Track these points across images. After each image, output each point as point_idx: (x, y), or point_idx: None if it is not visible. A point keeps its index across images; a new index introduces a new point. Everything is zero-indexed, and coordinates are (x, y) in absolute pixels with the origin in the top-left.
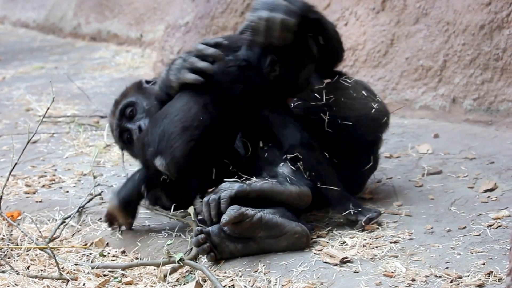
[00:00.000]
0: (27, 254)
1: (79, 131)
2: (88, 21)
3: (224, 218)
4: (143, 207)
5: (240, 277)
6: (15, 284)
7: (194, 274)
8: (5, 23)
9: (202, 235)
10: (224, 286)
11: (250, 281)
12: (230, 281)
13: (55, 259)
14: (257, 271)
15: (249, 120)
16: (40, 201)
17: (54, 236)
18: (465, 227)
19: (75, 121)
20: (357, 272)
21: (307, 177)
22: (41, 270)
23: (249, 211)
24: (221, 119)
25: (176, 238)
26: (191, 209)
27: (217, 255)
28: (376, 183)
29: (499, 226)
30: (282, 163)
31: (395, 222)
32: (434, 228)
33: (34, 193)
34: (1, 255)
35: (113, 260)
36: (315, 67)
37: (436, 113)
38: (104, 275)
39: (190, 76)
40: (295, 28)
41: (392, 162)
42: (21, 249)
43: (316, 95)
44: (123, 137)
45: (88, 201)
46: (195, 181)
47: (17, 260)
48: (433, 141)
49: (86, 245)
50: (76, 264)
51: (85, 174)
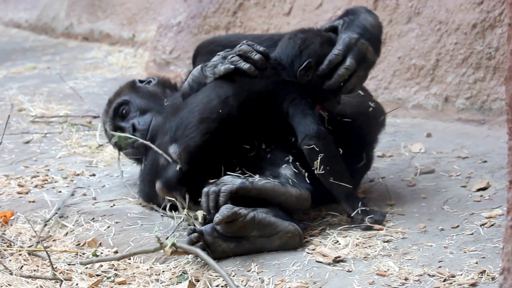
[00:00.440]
0: (20, 254)
1: (72, 131)
2: (81, 21)
3: (217, 217)
4: (137, 204)
5: (233, 277)
6: (8, 284)
7: (187, 274)
8: None
9: (195, 234)
10: (217, 286)
11: (243, 281)
12: (223, 281)
13: (50, 260)
14: (250, 271)
15: (266, 117)
16: (33, 201)
17: (43, 236)
18: (458, 226)
19: (68, 121)
20: (350, 271)
21: (321, 171)
22: (34, 270)
23: (242, 211)
24: (241, 114)
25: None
26: (200, 212)
27: (210, 254)
28: (369, 183)
29: (492, 225)
30: (285, 165)
31: (388, 221)
32: (427, 227)
33: (27, 193)
34: None
35: None
36: None
37: (429, 112)
38: (97, 275)
39: (227, 66)
40: None
41: (385, 161)
42: (14, 250)
43: None
44: None
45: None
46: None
47: (10, 260)
48: (426, 140)
49: (79, 245)
50: (69, 264)
51: (78, 174)
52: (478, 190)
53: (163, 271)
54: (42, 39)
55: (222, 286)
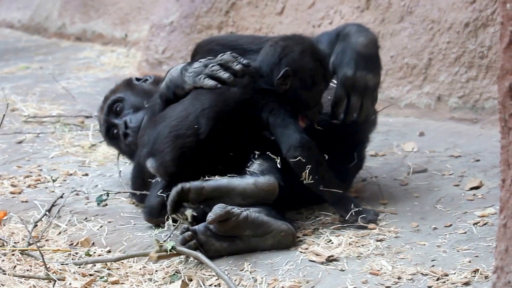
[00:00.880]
0: (13, 254)
1: (65, 131)
2: (73, 21)
3: (210, 216)
4: (130, 203)
5: (226, 276)
6: (1, 284)
7: (180, 274)
8: None
9: (189, 233)
10: (210, 285)
11: (236, 280)
12: (216, 280)
13: (43, 260)
14: (243, 270)
15: (246, 126)
16: (26, 201)
17: (36, 235)
18: (451, 225)
19: (61, 121)
20: (343, 271)
21: (310, 180)
22: (27, 270)
23: (235, 210)
24: (218, 125)
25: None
26: (189, 212)
27: (203, 254)
28: (362, 182)
29: (485, 224)
30: (250, 162)
31: (381, 220)
32: (420, 226)
33: (20, 193)
34: None
35: None
36: None
37: (421, 111)
38: (90, 275)
39: (210, 83)
40: None
41: (378, 161)
42: (7, 250)
43: None
44: (110, 133)
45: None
46: None
47: (4, 260)
48: (419, 139)
49: (72, 244)
50: (63, 264)
51: (71, 174)
52: (471, 189)
53: (156, 271)
54: (35, 39)
55: (215, 286)
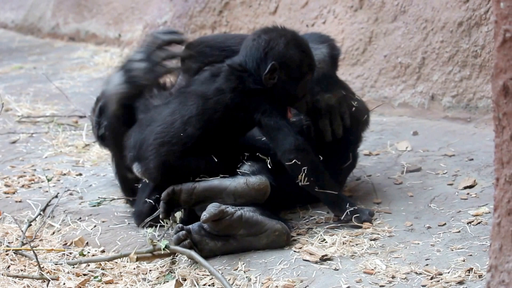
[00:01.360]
0: (7, 254)
1: (58, 131)
2: (67, 21)
3: (204, 215)
4: (124, 203)
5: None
6: None
7: (174, 273)
8: None
9: (183, 232)
10: (204, 285)
11: (230, 279)
12: (210, 279)
13: (37, 260)
14: (237, 269)
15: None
16: (20, 201)
17: (30, 235)
18: (445, 224)
19: (54, 121)
20: (337, 270)
21: (306, 182)
22: (21, 270)
23: (229, 209)
24: (205, 132)
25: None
26: (178, 214)
27: (198, 253)
28: (356, 181)
29: (479, 223)
30: (241, 164)
31: (375, 220)
32: (414, 225)
33: (14, 193)
34: None
35: None
36: None
37: (415, 111)
38: (84, 275)
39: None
40: None
41: (371, 160)
42: (1, 249)
43: None
44: (102, 134)
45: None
46: None
47: None
48: (412, 139)
49: (66, 244)
50: (57, 264)
51: (65, 174)
52: (465, 188)
53: (150, 270)
54: (29, 39)
55: (209, 285)
